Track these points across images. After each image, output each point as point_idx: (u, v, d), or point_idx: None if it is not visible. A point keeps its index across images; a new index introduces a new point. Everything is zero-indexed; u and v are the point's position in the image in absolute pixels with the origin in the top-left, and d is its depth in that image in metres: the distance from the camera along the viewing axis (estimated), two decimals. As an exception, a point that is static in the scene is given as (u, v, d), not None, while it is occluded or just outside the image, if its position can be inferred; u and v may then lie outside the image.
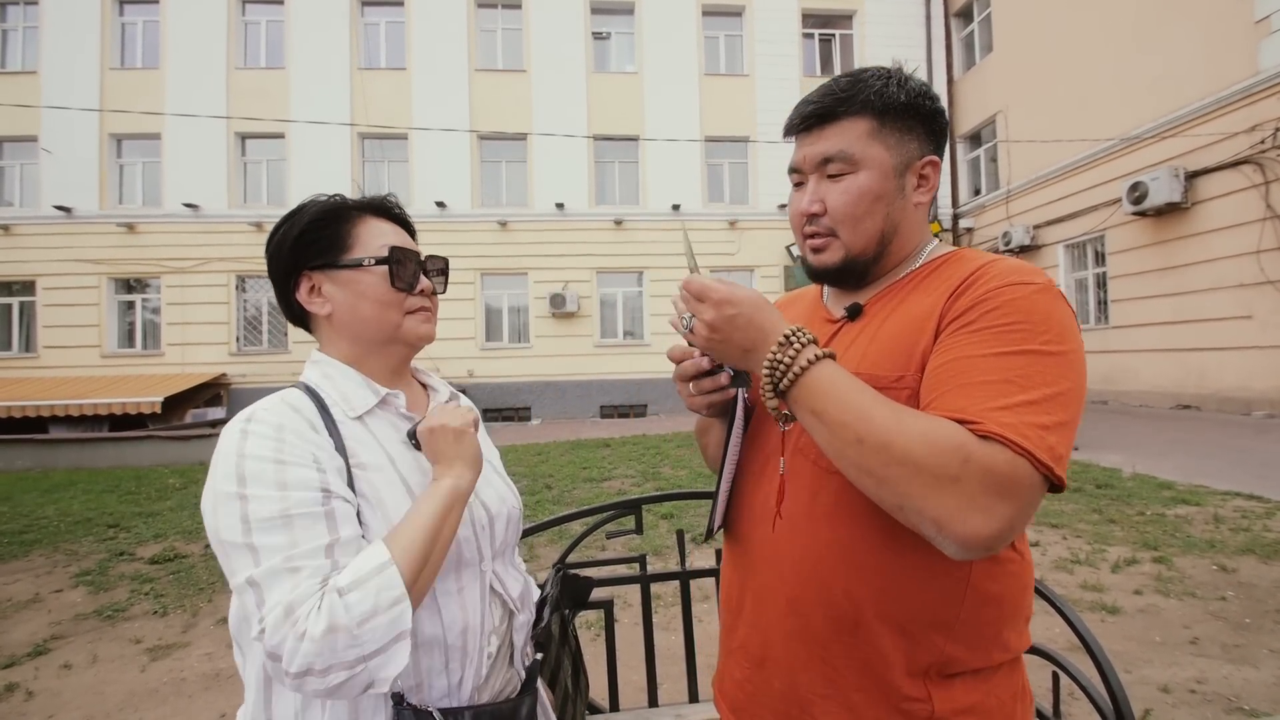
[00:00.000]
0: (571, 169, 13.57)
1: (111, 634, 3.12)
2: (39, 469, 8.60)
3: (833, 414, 0.61)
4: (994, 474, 0.55)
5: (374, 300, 0.84)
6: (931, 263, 0.77)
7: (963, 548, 0.57)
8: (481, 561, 0.85)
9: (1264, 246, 8.00)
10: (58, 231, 12.70)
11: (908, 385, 0.68)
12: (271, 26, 13.43)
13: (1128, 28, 9.90)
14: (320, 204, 0.86)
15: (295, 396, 0.80)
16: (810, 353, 0.64)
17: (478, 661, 0.81)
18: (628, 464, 7.08)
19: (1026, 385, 0.60)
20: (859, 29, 14.52)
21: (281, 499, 0.68)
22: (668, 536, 4.24)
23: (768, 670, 0.77)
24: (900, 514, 0.59)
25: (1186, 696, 2.20)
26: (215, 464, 0.71)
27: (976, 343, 0.63)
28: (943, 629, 0.68)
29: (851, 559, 0.69)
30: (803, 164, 0.79)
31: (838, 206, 0.76)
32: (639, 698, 1.77)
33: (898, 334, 0.72)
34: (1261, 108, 8.00)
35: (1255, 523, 3.99)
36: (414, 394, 0.94)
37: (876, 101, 0.74)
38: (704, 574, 1.56)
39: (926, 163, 0.77)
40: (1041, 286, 0.65)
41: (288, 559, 0.65)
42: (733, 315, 0.66)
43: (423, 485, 0.80)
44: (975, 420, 0.58)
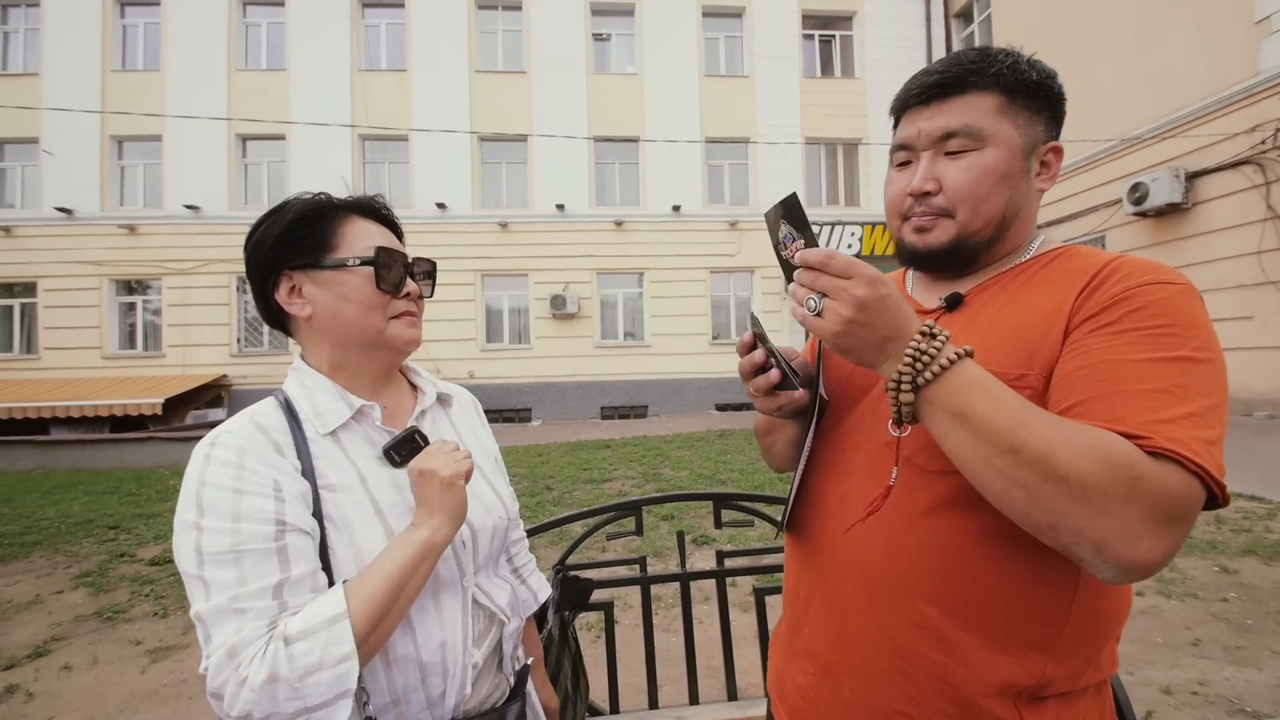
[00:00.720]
0: (572, 170, 13.57)
1: (112, 635, 3.13)
2: (40, 470, 8.61)
3: (982, 417, 0.55)
4: (1168, 495, 0.51)
5: (357, 302, 0.80)
6: (1041, 256, 0.72)
7: (1124, 572, 0.52)
8: (463, 578, 0.83)
9: (1265, 247, 7.99)
10: (59, 233, 12.71)
11: (1030, 385, 0.63)
12: (272, 28, 13.45)
13: (1128, 29, 9.89)
14: (305, 201, 0.82)
15: (265, 413, 0.77)
16: (954, 348, 0.58)
17: (460, 675, 0.79)
18: (628, 465, 7.07)
19: (1185, 396, 0.55)
20: (859, 30, 14.52)
21: (233, 532, 0.66)
22: (668, 538, 4.23)
23: (836, 677, 0.72)
24: (1050, 533, 0.54)
25: (1188, 698, 2.19)
26: (182, 488, 0.71)
27: (1126, 345, 0.58)
28: (1043, 647, 0.63)
29: (946, 565, 0.64)
30: (916, 139, 0.73)
31: (959, 184, 0.70)
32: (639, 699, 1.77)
33: (1016, 329, 0.66)
34: (1262, 108, 7.99)
35: (1257, 524, 3.98)
36: (399, 398, 0.90)
37: (1009, 76, 0.69)
38: (704, 575, 1.56)
39: (1050, 148, 0.73)
40: (1185, 287, 0.61)
41: (234, 599, 0.64)
42: (885, 295, 0.58)
43: (396, 505, 0.78)
44: (1142, 434, 0.53)
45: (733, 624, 1.59)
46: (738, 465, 6.74)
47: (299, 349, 0.87)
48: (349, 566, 0.72)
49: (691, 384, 13.47)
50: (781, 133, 13.83)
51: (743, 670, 1.66)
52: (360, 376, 0.85)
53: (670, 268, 13.63)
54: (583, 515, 1.55)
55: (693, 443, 8.55)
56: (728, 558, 1.59)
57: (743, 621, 2.71)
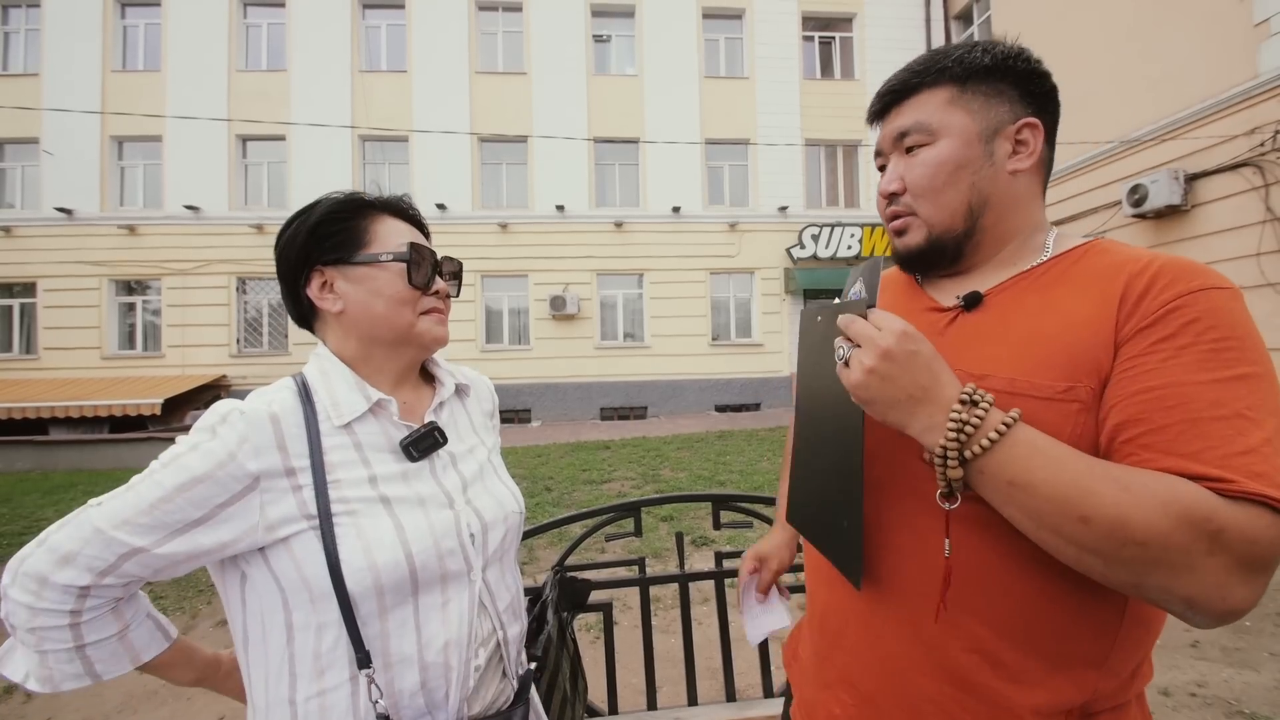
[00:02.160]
0: (572, 171, 13.58)
1: (110, 636, 3.12)
2: (39, 470, 8.60)
3: (1045, 487, 0.52)
4: (1256, 544, 0.49)
5: (389, 298, 0.82)
6: (1069, 254, 0.68)
7: (1219, 620, 0.51)
8: (470, 572, 0.82)
9: (1264, 249, 8.00)
10: (59, 233, 12.71)
11: (1078, 398, 0.59)
12: (273, 29, 13.45)
13: (1127, 31, 9.91)
14: (337, 199, 0.84)
15: (282, 401, 0.77)
16: (1001, 415, 0.55)
17: (463, 674, 0.79)
18: (628, 466, 7.07)
19: (1258, 418, 0.52)
20: (859, 31, 14.54)
21: (166, 498, 0.69)
22: (667, 539, 4.23)
23: (881, 707, 0.69)
24: (1135, 591, 0.52)
25: (1187, 700, 2.20)
26: (186, 434, 0.73)
27: (1188, 365, 0.55)
28: (1096, 663, 0.61)
29: (996, 585, 0.62)
30: (882, 144, 0.75)
31: (915, 179, 0.71)
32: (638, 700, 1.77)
33: (1053, 335, 0.62)
34: (1261, 110, 8.00)
35: (1256, 525, 3.98)
36: (418, 392, 0.91)
37: (956, 68, 0.69)
38: (703, 576, 1.56)
39: (1023, 124, 0.69)
40: (1233, 291, 0.58)
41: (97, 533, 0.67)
42: (914, 351, 0.56)
43: (404, 498, 0.78)
44: (1225, 476, 0.50)
45: (731, 625, 1.59)
46: (737, 466, 6.74)
47: (301, 349, 0.88)
48: (356, 554, 0.73)
49: (691, 385, 13.47)
50: (781, 134, 13.85)
51: (741, 671, 1.66)
52: (384, 373, 0.86)
53: (670, 269, 13.63)
54: (582, 516, 1.55)
55: (692, 444, 8.56)
56: (726, 559, 1.59)
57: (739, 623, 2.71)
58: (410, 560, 0.75)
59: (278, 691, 0.73)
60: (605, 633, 1.52)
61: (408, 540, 0.75)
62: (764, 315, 13.79)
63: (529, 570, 3.77)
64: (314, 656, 0.73)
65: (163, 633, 0.79)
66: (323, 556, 0.72)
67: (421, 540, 0.77)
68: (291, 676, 0.73)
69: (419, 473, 0.82)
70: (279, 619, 0.73)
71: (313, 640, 0.73)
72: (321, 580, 0.72)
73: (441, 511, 0.81)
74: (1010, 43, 0.72)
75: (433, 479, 0.83)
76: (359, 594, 0.72)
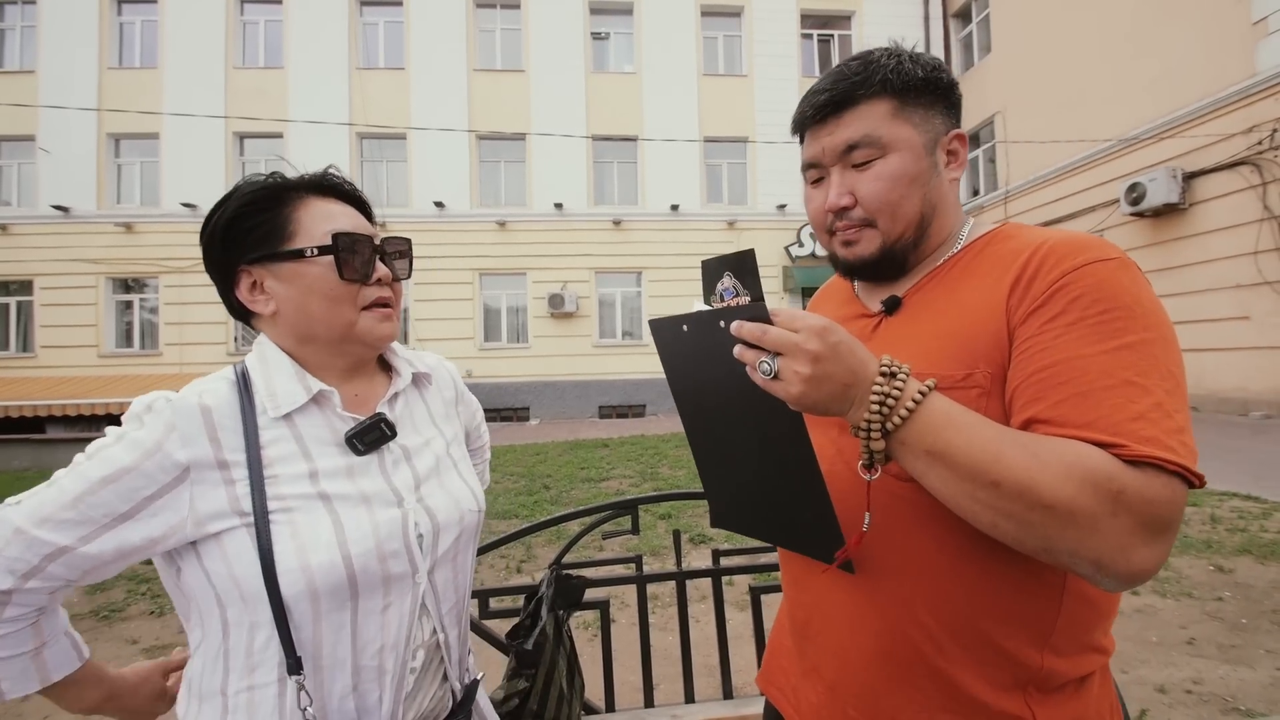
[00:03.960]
0: (570, 169, 13.57)
1: (108, 634, 3.12)
2: (36, 469, 8.59)
3: (959, 454, 0.54)
4: (1154, 504, 0.51)
5: (322, 295, 0.74)
6: (973, 245, 0.71)
7: (1125, 582, 0.52)
8: (415, 574, 0.76)
9: (1261, 247, 8.01)
10: (55, 231, 12.68)
11: (977, 384, 0.62)
12: (270, 26, 13.43)
13: (1125, 29, 9.91)
14: (253, 185, 0.75)
15: (216, 390, 0.73)
16: (918, 385, 0.57)
17: (398, 676, 0.75)
18: (626, 464, 7.08)
19: (1148, 384, 0.55)
20: (857, 30, 14.54)
21: (90, 491, 0.65)
22: (664, 537, 4.24)
23: (840, 695, 0.72)
24: (1046, 556, 0.54)
25: (1183, 697, 2.20)
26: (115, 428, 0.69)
27: (1078, 339, 0.57)
28: (1040, 640, 0.63)
29: (937, 574, 0.64)
30: (822, 156, 0.73)
31: (872, 195, 0.70)
32: (635, 698, 1.77)
33: (954, 328, 0.65)
34: (1259, 109, 8.01)
35: (1252, 523, 4.00)
36: (370, 384, 0.84)
37: (895, 80, 0.69)
38: (700, 574, 1.56)
39: (954, 137, 0.73)
40: (1120, 261, 0.60)
41: (17, 532, 0.63)
42: (837, 343, 0.55)
43: (347, 495, 0.73)
44: (1117, 441, 0.52)
45: (729, 622, 1.59)
46: (735, 464, 6.74)
47: None
48: (288, 556, 0.68)
49: (689, 383, 13.48)
50: (780, 132, 13.80)
51: (738, 669, 1.66)
52: (329, 369, 0.79)
53: (669, 266, 13.63)
54: (579, 514, 1.55)
55: (690, 442, 8.56)
56: (724, 556, 1.59)
57: (739, 620, 2.72)
58: (348, 563, 0.69)
59: (211, 682, 0.71)
60: (602, 630, 1.52)
61: (346, 541, 0.70)
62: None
63: (526, 568, 3.77)
64: (246, 653, 0.70)
65: (76, 651, 0.74)
66: (255, 556, 0.67)
67: (362, 541, 0.71)
68: (225, 670, 0.71)
69: (365, 468, 0.76)
70: (215, 613, 0.70)
71: (245, 637, 0.69)
72: (253, 581, 0.67)
73: (388, 510, 0.75)
74: (931, 56, 0.73)
75: (381, 475, 0.77)
76: (292, 597, 0.67)
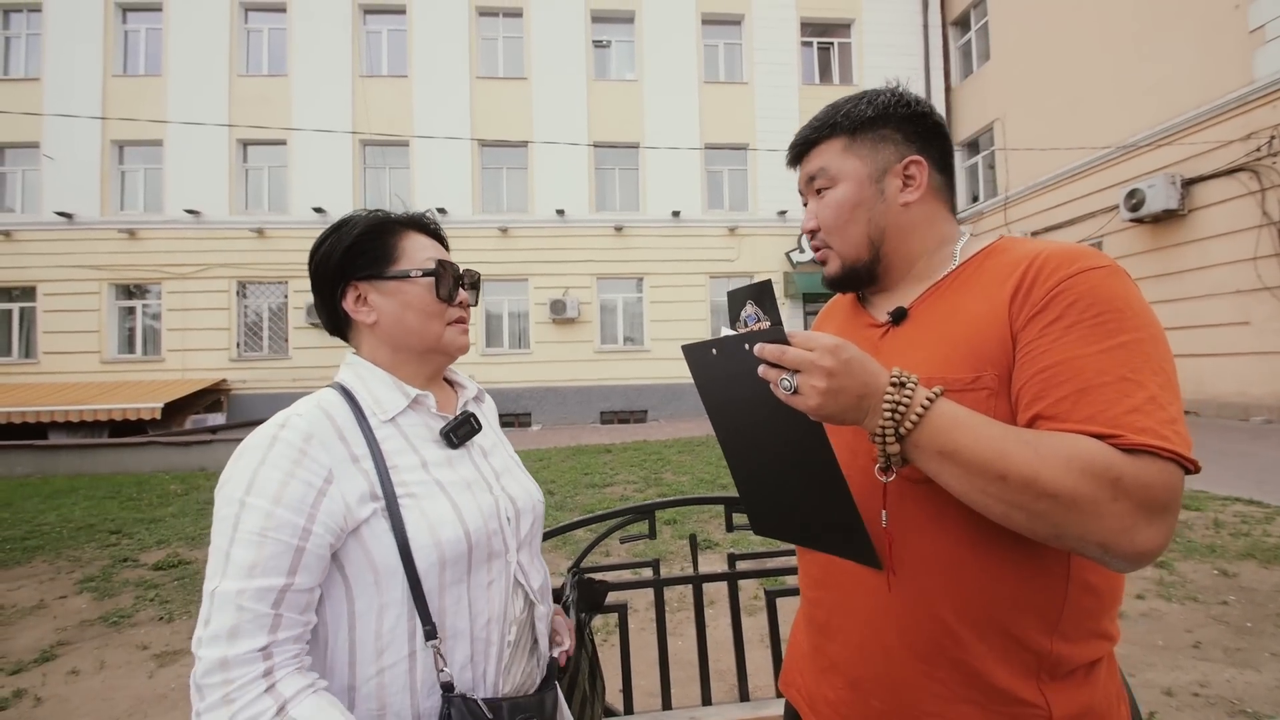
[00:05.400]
0: (572, 175, 13.63)
1: (118, 640, 3.13)
2: (39, 475, 8.59)
3: (968, 453, 0.59)
4: (1151, 488, 0.55)
5: (419, 310, 0.89)
6: (973, 259, 0.77)
7: (1132, 562, 0.57)
8: (508, 553, 0.88)
9: (1260, 253, 8.05)
10: (59, 237, 12.72)
11: (985, 385, 0.67)
12: (274, 34, 13.51)
13: (1124, 36, 9.99)
14: (367, 218, 0.90)
15: (330, 400, 0.83)
16: (926, 391, 0.62)
17: (499, 649, 0.85)
18: (629, 470, 7.09)
19: (1142, 379, 0.59)
20: (857, 38, 14.63)
21: (268, 515, 0.71)
22: (672, 542, 4.25)
23: (864, 690, 0.76)
24: (1057, 542, 0.58)
25: (1190, 700, 2.22)
26: (239, 465, 0.74)
27: (1076, 341, 0.62)
28: (1048, 627, 0.67)
29: (949, 570, 0.69)
30: (800, 186, 0.87)
31: (824, 219, 0.83)
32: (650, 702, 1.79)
33: (961, 335, 0.71)
34: (1257, 116, 8.07)
35: (1255, 527, 4.01)
36: (444, 394, 0.98)
37: (845, 122, 0.81)
38: (716, 578, 1.58)
39: (909, 162, 0.80)
40: (1110, 269, 0.65)
41: (240, 593, 0.68)
42: (849, 359, 0.61)
43: (454, 482, 0.85)
44: (1114, 433, 0.57)
45: (744, 626, 1.61)
46: (739, 470, 6.74)
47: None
48: (422, 533, 0.78)
49: (691, 389, 13.47)
50: (781, 139, 13.88)
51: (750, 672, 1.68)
52: (414, 378, 0.92)
53: (670, 273, 13.68)
54: (596, 519, 1.57)
55: (693, 447, 8.57)
56: (739, 560, 1.61)
57: (750, 624, 2.73)
58: (468, 538, 0.81)
59: (340, 681, 0.77)
60: (620, 634, 1.54)
61: (464, 519, 0.82)
62: (763, 319, 13.82)
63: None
64: (375, 638, 0.77)
65: None
66: (391, 537, 0.77)
67: (475, 519, 0.83)
68: (351, 664, 0.77)
69: (461, 459, 0.89)
70: (342, 610, 0.77)
71: (374, 623, 0.77)
72: (390, 559, 0.76)
73: (485, 495, 0.87)
74: (896, 89, 0.82)
75: (473, 466, 0.90)
76: (424, 570, 0.77)
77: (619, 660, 1.54)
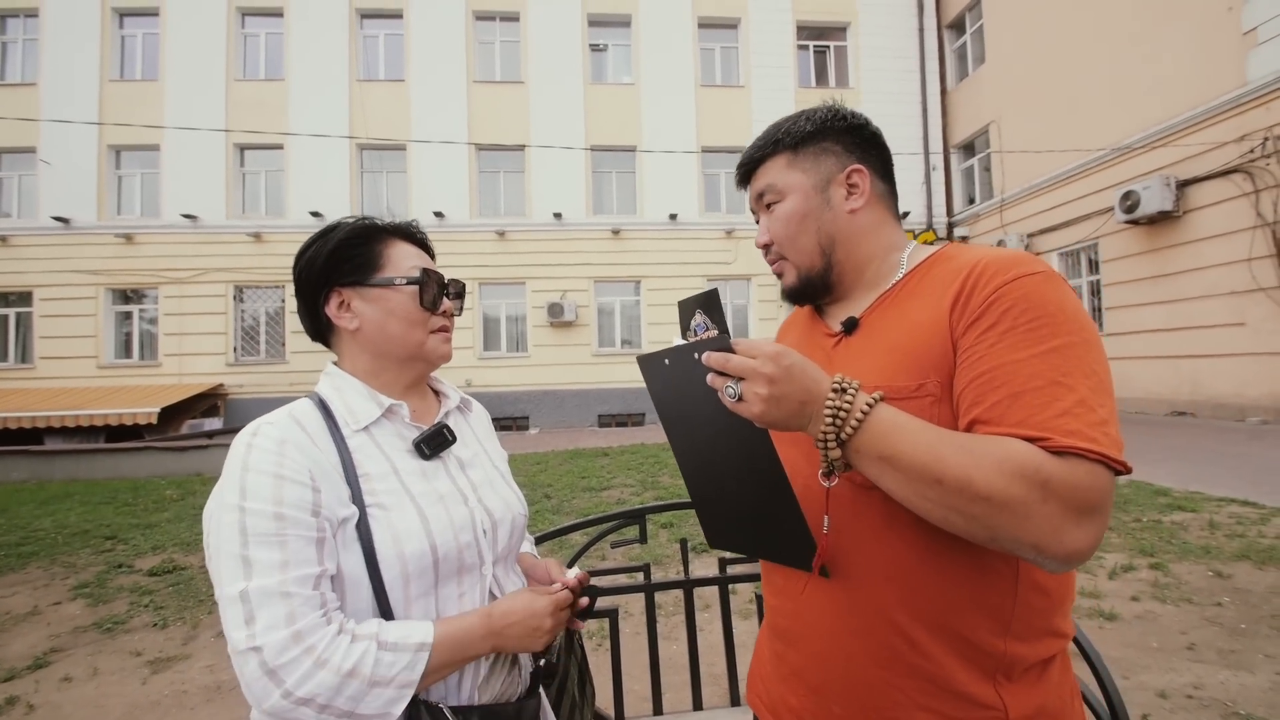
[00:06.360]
0: (569, 179, 13.66)
1: (111, 646, 3.11)
2: (34, 480, 8.56)
3: (905, 456, 0.60)
4: (1079, 489, 0.57)
5: (402, 318, 0.89)
6: (919, 268, 0.79)
7: (1066, 563, 0.58)
8: (482, 566, 0.88)
9: (1255, 254, 8.09)
10: (55, 242, 12.71)
11: (929, 392, 0.68)
12: (271, 39, 13.53)
13: (1118, 39, 10.04)
14: (352, 224, 0.90)
15: (303, 409, 0.84)
16: (865, 397, 0.63)
17: (476, 664, 0.84)
18: (626, 473, 7.08)
19: (1072, 383, 0.61)
20: (853, 41, 14.69)
21: (277, 517, 0.71)
22: (667, 546, 4.25)
23: (825, 696, 0.77)
24: (993, 544, 0.60)
25: (1184, 701, 2.22)
26: (223, 475, 0.75)
27: (1009, 346, 0.64)
28: (1001, 628, 0.68)
29: (901, 576, 0.70)
30: (751, 204, 0.90)
31: (776, 232, 0.85)
32: (642, 707, 1.79)
33: (906, 343, 0.72)
34: (1250, 118, 8.12)
35: (1250, 529, 4.02)
36: (425, 402, 0.98)
37: (786, 139, 0.84)
38: (708, 582, 1.58)
39: (851, 171, 0.82)
40: (1045, 274, 0.66)
41: (281, 582, 0.69)
42: (790, 366, 0.63)
43: (425, 493, 0.84)
44: (1043, 436, 0.58)
45: (735, 630, 1.61)
46: (736, 473, 6.74)
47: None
48: (386, 545, 0.78)
49: (689, 391, 13.49)
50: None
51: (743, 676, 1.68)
52: (394, 385, 0.92)
53: (667, 275, 13.70)
54: (587, 524, 1.57)
55: (690, 450, 8.56)
56: (730, 564, 1.61)
57: (742, 628, 2.73)
58: (434, 551, 0.80)
59: None
60: (611, 639, 1.54)
61: (432, 532, 0.81)
62: (761, 322, 13.85)
63: (530, 578, 3.77)
64: None
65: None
66: (359, 546, 0.77)
67: (444, 533, 0.82)
68: None
69: (435, 471, 0.88)
70: None
71: None
72: (356, 570, 0.76)
73: (459, 507, 0.87)
74: (832, 105, 0.86)
75: (448, 477, 0.89)
76: (389, 581, 0.77)
77: (610, 665, 1.54)
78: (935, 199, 14.72)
